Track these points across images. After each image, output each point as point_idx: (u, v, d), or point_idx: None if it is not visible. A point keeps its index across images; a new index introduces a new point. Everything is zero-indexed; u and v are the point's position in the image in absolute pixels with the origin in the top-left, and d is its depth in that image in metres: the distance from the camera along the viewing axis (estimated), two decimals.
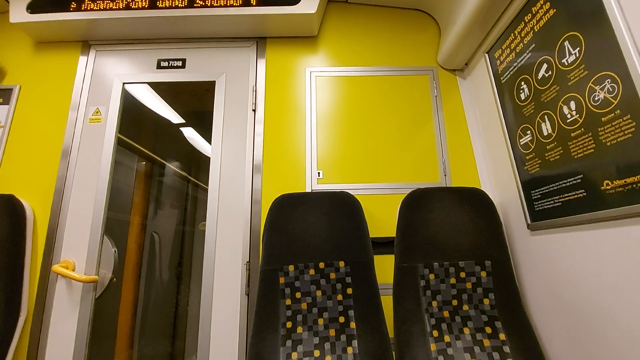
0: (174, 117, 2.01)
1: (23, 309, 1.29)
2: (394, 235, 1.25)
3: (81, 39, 1.66)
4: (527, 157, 1.16)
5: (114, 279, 1.43)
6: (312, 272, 1.17)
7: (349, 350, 1.08)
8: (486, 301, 1.14)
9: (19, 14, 1.53)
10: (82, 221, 1.43)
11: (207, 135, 1.57)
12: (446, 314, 1.13)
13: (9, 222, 1.31)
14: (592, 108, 0.87)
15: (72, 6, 1.53)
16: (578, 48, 0.91)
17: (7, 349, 1.22)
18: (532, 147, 1.12)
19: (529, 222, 1.15)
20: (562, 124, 0.98)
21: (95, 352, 1.34)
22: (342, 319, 1.13)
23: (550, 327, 1.08)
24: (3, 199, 1.34)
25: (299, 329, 1.12)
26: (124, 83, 1.61)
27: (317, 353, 1.08)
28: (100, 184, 1.46)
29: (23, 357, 1.28)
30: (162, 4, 1.52)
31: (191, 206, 2.27)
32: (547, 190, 1.06)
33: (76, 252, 1.39)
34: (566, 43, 0.95)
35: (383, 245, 1.38)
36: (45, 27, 1.56)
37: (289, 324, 1.12)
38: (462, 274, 1.16)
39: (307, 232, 1.22)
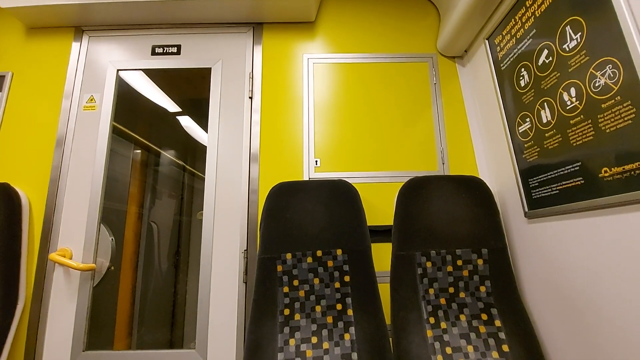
0: (170, 105, 1.99)
1: (21, 297, 1.30)
2: (392, 224, 1.25)
3: (74, 24, 1.62)
4: (525, 145, 1.15)
5: (112, 267, 1.43)
6: (309, 260, 1.18)
7: (347, 336, 1.09)
8: (482, 288, 1.15)
9: None
10: (78, 209, 1.42)
11: (203, 123, 1.55)
12: (443, 301, 1.14)
13: (5, 211, 1.30)
14: (592, 94, 0.86)
15: None
16: (579, 33, 0.89)
17: (5, 337, 1.22)
18: (531, 134, 1.12)
19: (527, 210, 1.16)
20: (562, 111, 0.97)
21: (94, 339, 1.34)
22: (339, 306, 1.14)
23: (546, 314, 1.10)
24: None
25: (297, 316, 1.12)
26: (118, 70, 1.58)
27: (314, 340, 1.08)
28: (96, 172, 1.45)
29: (22, 345, 1.29)
30: None
31: (188, 195, 2.26)
32: (545, 178, 1.06)
33: (73, 241, 1.39)
34: (567, 28, 0.93)
35: (380, 233, 1.38)
36: (36, 12, 1.52)
37: (286, 311, 1.13)
38: (459, 262, 1.17)
39: (305, 220, 1.21)
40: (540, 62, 1.05)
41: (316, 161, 1.47)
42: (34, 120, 1.51)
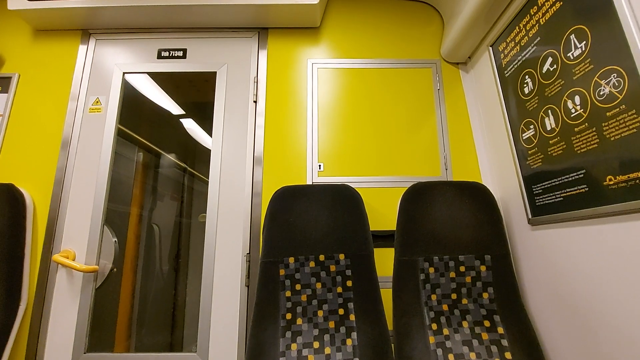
0: (174, 108, 1.99)
1: (23, 298, 1.30)
2: (394, 229, 1.25)
3: (81, 27, 1.64)
4: (529, 152, 1.15)
5: (114, 269, 1.43)
6: (312, 264, 1.18)
7: (348, 342, 1.08)
8: (485, 295, 1.14)
9: (17, 0, 1.51)
10: (82, 211, 1.42)
11: (206, 126, 1.56)
12: (445, 307, 1.14)
13: (9, 211, 1.30)
14: (596, 103, 0.86)
15: None
16: (584, 42, 0.90)
17: (7, 338, 1.22)
18: (535, 141, 1.12)
19: (530, 216, 1.15)
20: (566, 119, 0.97)
21: (95, 341, 1.34)
22: (341, 311, 1.14)
23: (549, 321, 1.09)
24: (3, 188, 1.33)
25: (299, 321, 1.12)
26: (124, 73, 1.59)
27: (316, 344, 1.08)
28: (100, 174, 1.46)
29: (23, 346, 1.29)
30: None
31: (190, 198, 2.26)
32: (548, 185, 1.06)
33: (76, 242, 1.39)
34: (572, 36, 0.94)
35: (383, 238, 1.38)
36: (44, 14, 1.54)
37: (288, 316, 1.13)
38: (462, 268, 1.16)
39: (308, 224, 1.22)
40: (545, 69, 1.05)
41: (319, 165, 1.48)
42: (40, 121, 1.52)
